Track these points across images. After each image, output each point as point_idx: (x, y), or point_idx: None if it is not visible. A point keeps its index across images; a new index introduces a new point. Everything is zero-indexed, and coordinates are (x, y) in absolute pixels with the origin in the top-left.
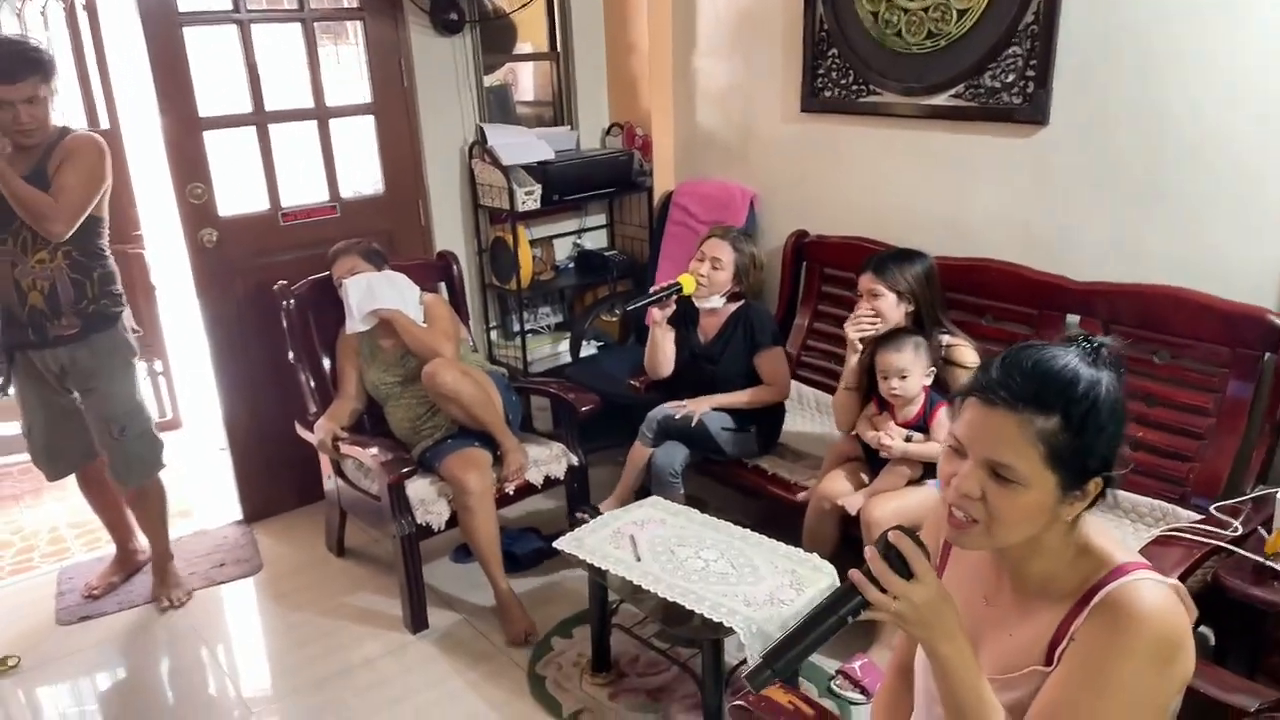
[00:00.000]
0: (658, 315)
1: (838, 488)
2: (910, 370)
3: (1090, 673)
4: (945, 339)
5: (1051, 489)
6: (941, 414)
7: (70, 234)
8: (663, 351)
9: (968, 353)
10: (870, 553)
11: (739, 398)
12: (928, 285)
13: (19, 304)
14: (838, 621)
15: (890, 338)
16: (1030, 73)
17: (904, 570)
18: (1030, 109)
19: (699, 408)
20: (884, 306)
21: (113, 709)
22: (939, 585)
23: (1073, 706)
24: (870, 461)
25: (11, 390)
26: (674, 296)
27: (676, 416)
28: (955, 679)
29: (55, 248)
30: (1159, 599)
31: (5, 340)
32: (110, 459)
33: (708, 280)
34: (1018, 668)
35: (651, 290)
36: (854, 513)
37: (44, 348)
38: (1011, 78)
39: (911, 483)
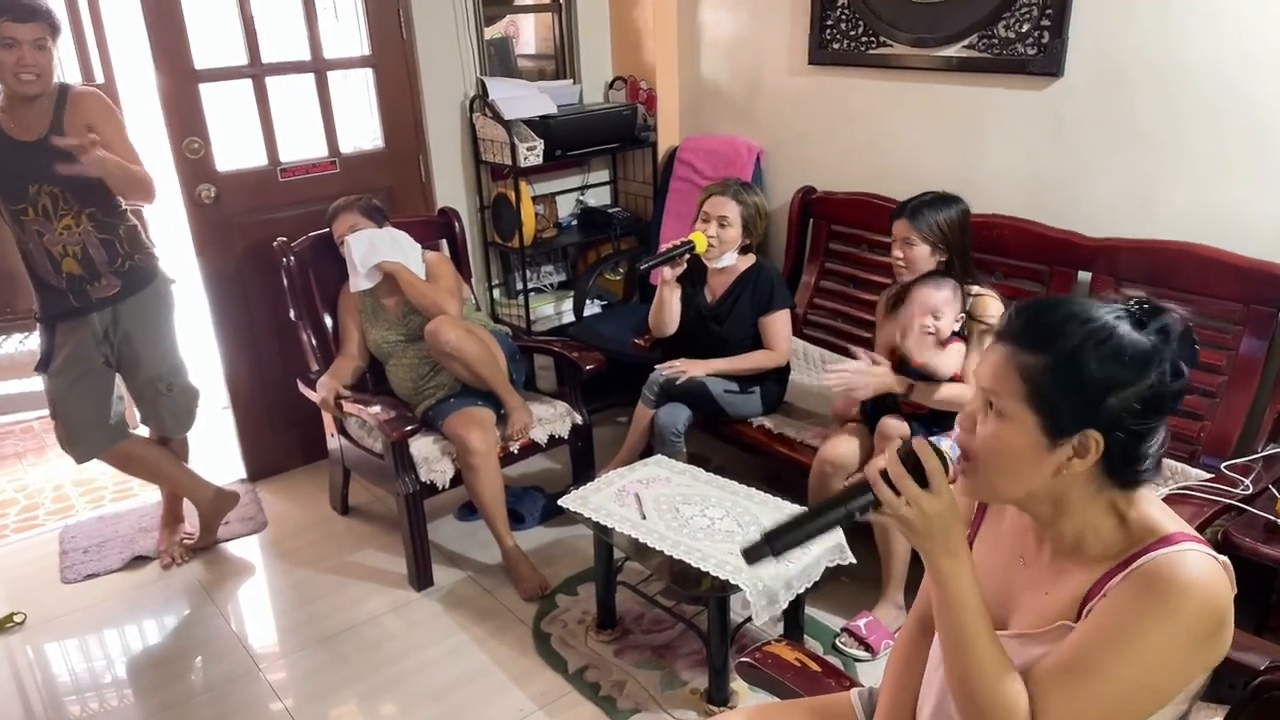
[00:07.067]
0: (667, 274)
1: (841, 450)
2: (944, 311)
3: (1117, 630)
4: (974, 289)
5: (1031, 429)
6: (956, 346)
7: (94, 195)
8: (669, 310)
9: (992, 304)
10: (891, 455)
11: (737, 363)
12: (961, 233)
13: (55, 273)
14: (845, 514)
15: (930, 275)
16: (1045, 22)
17: (921, 480)
18: (1045, 60)
19: (692, 370)
20: (916, 256)
21: (119, 665)
22: (952, 500)
23: (1090, 658)
24: (868, 423)
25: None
26: (686, 256)
27: (664, 374)
28: (950, 593)
29: (79, 211)
30: (1205, 571)
31: (45, 313)
32: (158, 416)
33: (718, 239)
34: (1048, 624)
35: (663, 249)
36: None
37: (88, 312)
38: (1026, 27)
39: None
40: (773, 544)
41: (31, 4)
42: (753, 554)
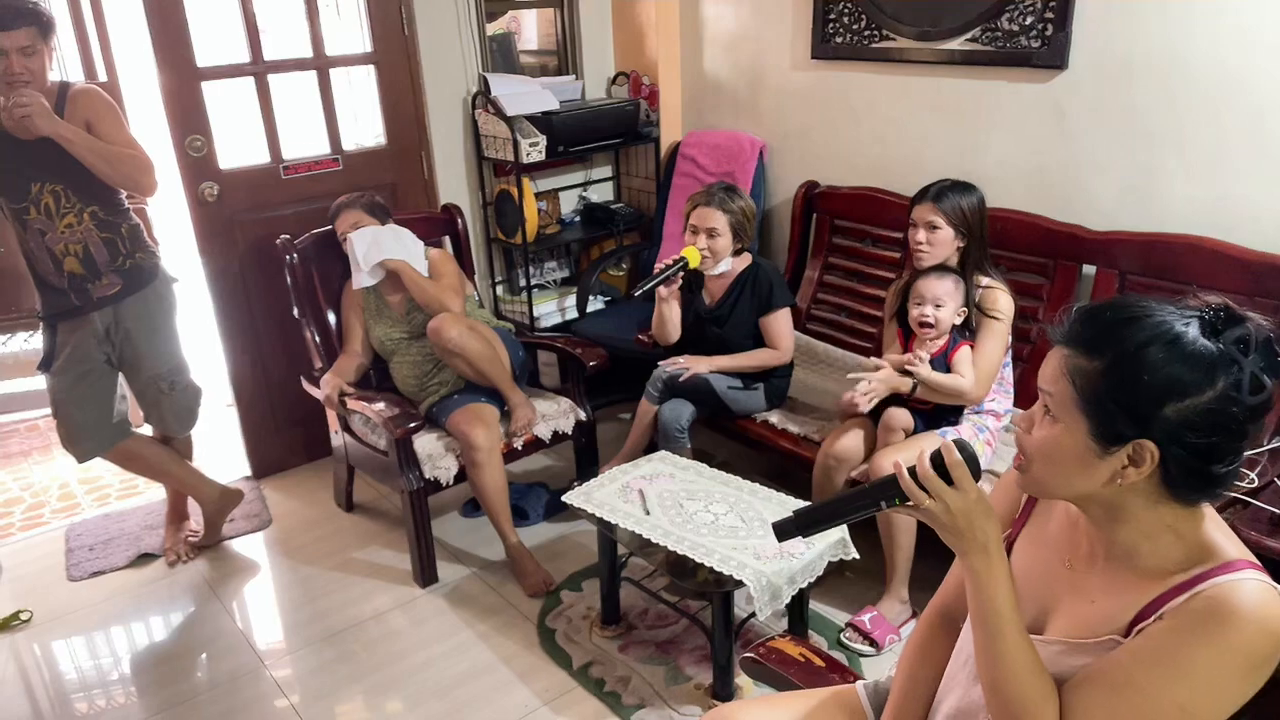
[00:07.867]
0: (664, 291)
1: (845, 444)
2: (945, 302)
3: (1169, 652)
4: (983, 281)
5: (1082, 434)
6: (964, 352)
7: (96, 193)
8: (670, 322)
9: (1002, 298)
10: (921, 455)
11: (741, 361)
12: (981, 221)
13: (57, 272)
14: (871, 504)
15: (934, 268)
16: (1049, 15)
17: (948, 479)
18: (1049, 53)
19: (696, 366)
20: (941, 238)
21: (124, 662)
22: (980, 498)
23: (1136, 677)
24: (873, 417)
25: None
26: (681, 273)
27: (667, 371)
28: (983, 593)
29: (80, 210)
30: (1265, 602)
31: (47, 312)
32: (160, 415)
33: (710, 251)
34: (1095, 634)
35: (657, 269)
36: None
37: (89, 311)
38: (1030, 20)
39: (910, 436)
40: (801, 526)
41: (15, 8)
42: (782, 531)
